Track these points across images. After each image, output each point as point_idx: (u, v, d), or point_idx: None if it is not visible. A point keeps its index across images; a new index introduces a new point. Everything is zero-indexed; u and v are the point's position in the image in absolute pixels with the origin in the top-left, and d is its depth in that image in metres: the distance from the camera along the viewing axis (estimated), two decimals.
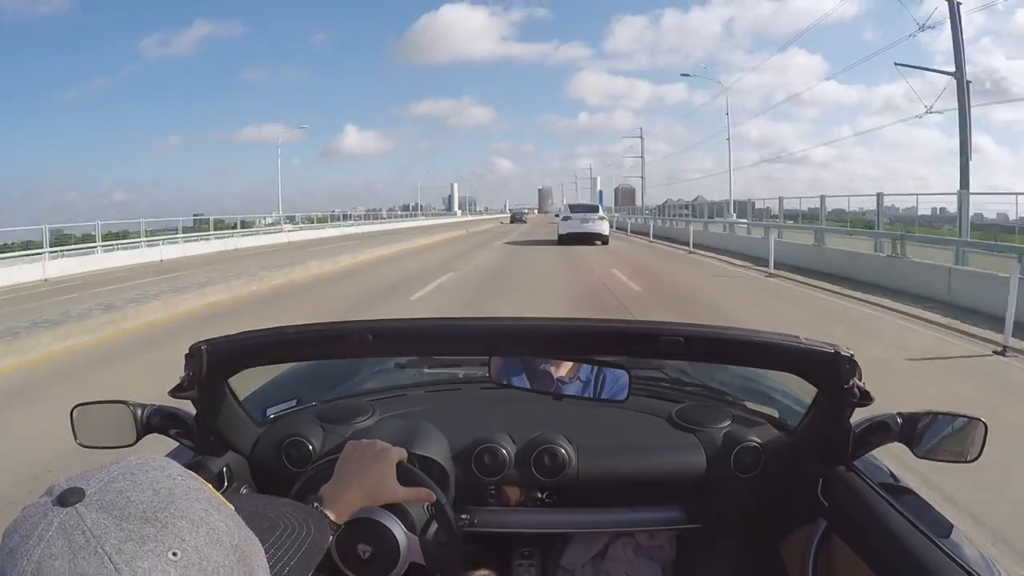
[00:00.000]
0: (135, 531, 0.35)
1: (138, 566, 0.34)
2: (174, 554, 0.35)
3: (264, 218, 31.85)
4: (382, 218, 48.24)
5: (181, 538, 0.36)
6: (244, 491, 1.17)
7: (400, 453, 0.93)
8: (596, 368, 1.07)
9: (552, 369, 1.10)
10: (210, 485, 0.42)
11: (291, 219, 34.03)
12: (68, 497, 0.36)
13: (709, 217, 24.09)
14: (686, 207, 31.75)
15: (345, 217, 41.67)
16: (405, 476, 0.93)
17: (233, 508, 0.42)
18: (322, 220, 36.65)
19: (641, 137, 53.40)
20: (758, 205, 20.93)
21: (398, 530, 0.96)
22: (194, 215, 30.55)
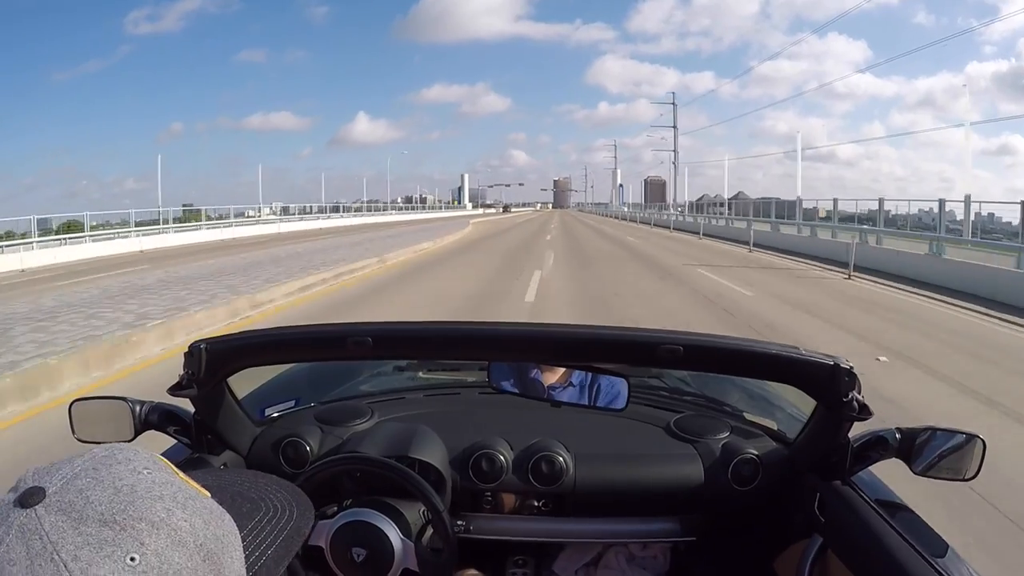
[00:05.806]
0: (93, 535, 0.34)
1: (94, 573, 0.33)
2: (132, 559, 0.34)
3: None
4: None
5: (140, 542, 0.35)
6: None
7: None
8: (589, 374, 1.06)
9: (542, 376, 1.08)
10: (183, 474, 0.41)
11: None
12: (28, 498, 0.35)
13: (777, 217, 20.28)
14: (721, 204, 29.99)
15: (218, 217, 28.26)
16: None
17: (209, 495, 0.41)
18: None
19: None
20: (806, 205, 18.98)
21: (393, 534, 0.96)
22: (183, 205, 28.52)
